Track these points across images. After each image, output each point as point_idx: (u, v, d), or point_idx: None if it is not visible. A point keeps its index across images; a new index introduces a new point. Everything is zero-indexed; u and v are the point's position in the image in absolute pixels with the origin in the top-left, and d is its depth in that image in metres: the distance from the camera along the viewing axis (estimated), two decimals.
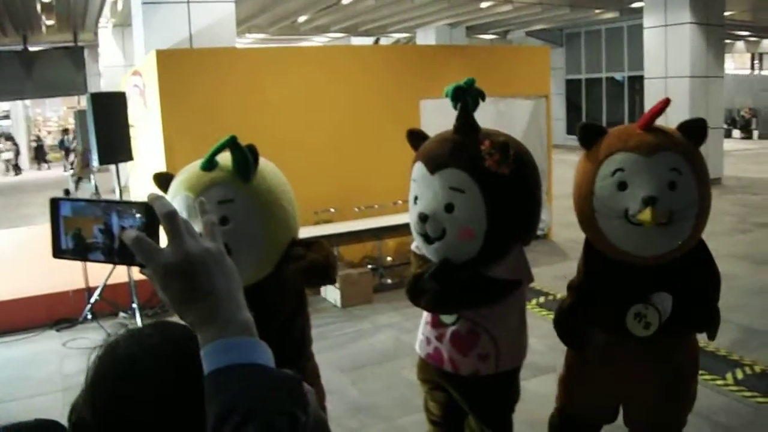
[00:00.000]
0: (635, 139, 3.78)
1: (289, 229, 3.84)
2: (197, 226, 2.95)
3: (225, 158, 3.71)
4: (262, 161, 3.88)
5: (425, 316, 4.26)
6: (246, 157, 3.70)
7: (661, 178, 3.68)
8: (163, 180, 3.88)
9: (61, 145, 33.70)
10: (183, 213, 3.54)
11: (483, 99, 4.06)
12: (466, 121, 4.00)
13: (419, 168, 3.95)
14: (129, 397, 1.55)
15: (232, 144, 3.68)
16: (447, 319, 4.08)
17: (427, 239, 3.89)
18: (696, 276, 3.96)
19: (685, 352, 4.23)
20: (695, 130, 3.84)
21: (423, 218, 3.84)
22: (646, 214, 3.63)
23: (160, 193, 2.78)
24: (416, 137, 4.14)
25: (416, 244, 4.17)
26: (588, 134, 3.94)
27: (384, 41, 32.15)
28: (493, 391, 4.13)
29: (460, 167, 3.81)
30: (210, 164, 3.74)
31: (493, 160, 3.76)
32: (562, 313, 4.22)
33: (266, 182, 3.78)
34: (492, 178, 3.76)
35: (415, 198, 3.96)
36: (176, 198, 3.68)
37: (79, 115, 14.65)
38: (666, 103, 3.86)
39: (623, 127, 4.06)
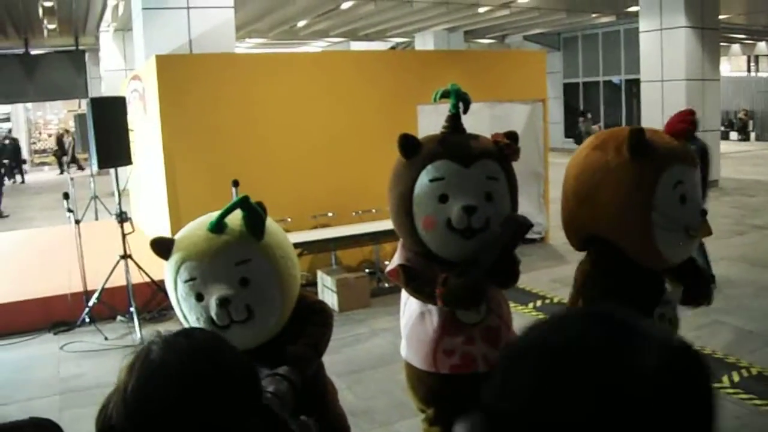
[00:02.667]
0: (683, 149, 3.85)
1: (298, 280, 3.83)
2: (214, 292, 3.04)
3: (232, 217, 3.59)
4: None
5: (428, 333, 4.15)
6: (259, 216, 3.59)
7: (700, 189, 3.91)
8: (163, 247, 3.66)
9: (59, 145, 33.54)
10: (196, 280, 3.52)
11: (470, 103, 4.21)
12: (456, 125, 4.12)
13: (445, 165, 3.92)
14: (158, 397, 1.65)
15: (244, 204, 3.61)
16: (472, 318, 4.06)
17: (468, 234, 3.86)
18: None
19: None
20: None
21: (471, 210, 3.82)
22: (705, 228, 3.77)
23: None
24: (411, 142, 4.07)
25: (400, 261, 4.15)
26: (643, 142, 3.79)
27: (382, 46, 32.16)
28: None
29: (491, 158, 3.96)
30: (220, 226, 3.57)
31: (511, 149, 4.00)
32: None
33: (275, 238, 3.71)
34: (510, 166, 4.04)
35: (443, 196, 3.90)
36: (184, 265, 3.55)
37: (80, 118, 14.68)
38: (689, 115, 3.99)
39: (659, 132, 3.99)
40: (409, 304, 4.31)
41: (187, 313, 3.59)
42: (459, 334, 4.07)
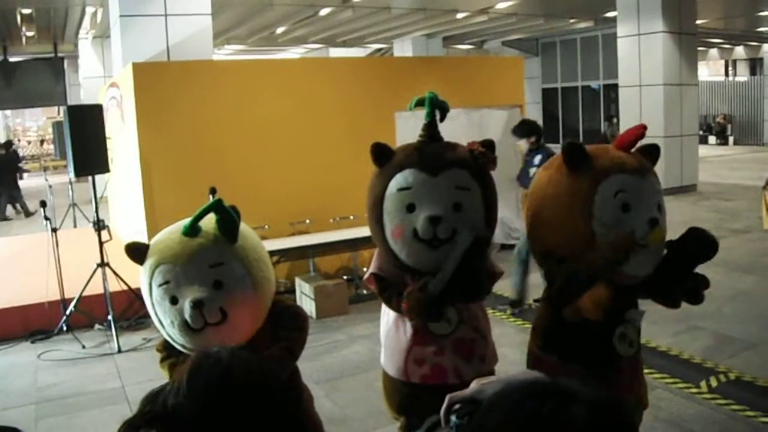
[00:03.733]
0: (630, 160, 3.84)
1: (272, 283, 3.83)
2: (188, 294, 3.03)
3: (206, 221, 3.62)
4: None
5: (401, 342, 4.17)
6: (233, 219, 3.61)
7: (657, 198, 3.86)
8: (137, 252, 3.69)
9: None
10: (170, 284, 3.52)
11: (447, 110, 4.19)
12: (433, 133, 4.09)
13: (413, 174, 3.91)
14: (223, 400, 1.76)
15: (218, 207, 3.60)
16: (443, 329, 4.05)
17: (433, 244, 3.86)
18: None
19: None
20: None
21: (435, 221, 3.81)
22: (655, 235, 3.71)
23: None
24: (382, 150, 4.08)
25: (373, 269, 4.16)
26: (577, 155, 3.83)
27: (361, 52, 32.18)
28: None
29: (462, 166, 3.91)
30: (194, 230, 3.61)
31: (486, 157, 3.91)
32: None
33: (248, 241, 3.74)
34: (486, 176, 3.96)
35: (410, 206, 3.90)
36: (159, 269, 3.57)
37: (57, 125, 14.62)
38: (641, 129, 3.95)
39: (605, 146, 4.04)
40: (387, 312, 4.32)
41: (162, 317, 3.61)
42: (430, 345, 4.08)
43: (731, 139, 34.58)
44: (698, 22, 20.73)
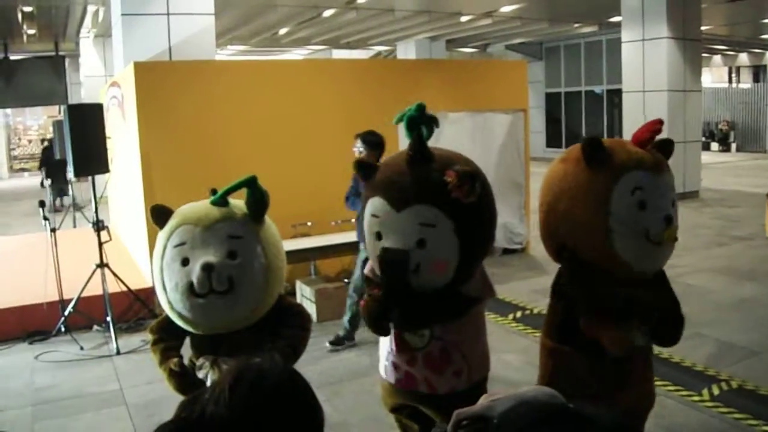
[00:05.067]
0: (647, 156, 3.85)
1: (282, 278, 3.89)
2: (201, 257, 3.37)
3: (236, 200, 3.79)
4: None
5: (387, 342, 4.21)
6: (264, 199, 3.75)
7: (672, 195, 3.91)
8: (161, 214, 3.84)
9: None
10: (185, 245, 3.58)
11: (437, 125, 3.99)
12: (421, 151, 3.91)
13: (381, 204, 3.86)
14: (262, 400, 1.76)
15: (252, 183, 3.69)
16: (416, 342, 4.03)
17: (397, 279, 3.83)
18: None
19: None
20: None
21: (389, 255, 3.80)
22: (669, 233, 3.72)
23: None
24: (366, 167, 4.09)
25: (369, 269, 4.18)
26: (597, 150, 3.83)
27: (364, 54, 32.18)
28: (471, 403, 4.10)
29: (428, 202, 3.75)
30: (223, 200, 3.77)
31: (461, 192, 3.69)
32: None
33: (271, 229, 3.89)
34: (461, 209, 3.72)
35: (377, 234, 3.88)
36: (179, 230, 3.69)
37: (58, 125, 14.61)
38: (658, 124, 4.00)
39: (622, 141, 4.06)
40: None
41: (167, 281, 3.68)
42: (404, 354, 4.11)
43: (734, 146, 34.49)
44: (703, 28, 20.69)
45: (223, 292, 3.57)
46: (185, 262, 3.61)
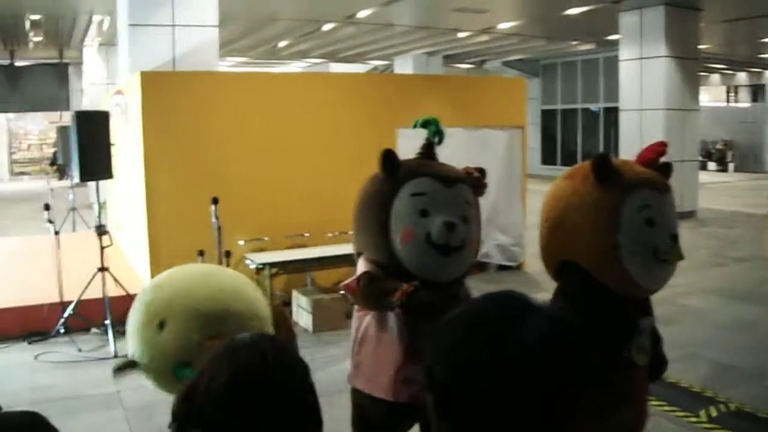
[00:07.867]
0: (654, 176, 3.92)
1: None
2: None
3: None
4: None
5: (390, 358, 4.08)
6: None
7: (675, 215, 3.99)
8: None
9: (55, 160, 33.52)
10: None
11: (444, 136, 4.35)
12: (431, 153, 4.25)
13: (428, 182, 4.00)
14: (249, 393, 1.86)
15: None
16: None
17: (445, 250, 3.90)
18: None
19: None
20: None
21: (451, 226, 3.87)
22: (677, 251, 3.74)
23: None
24: (393, 158, 4.10)
25: (365, 269, 4.12)
26: (607, 168, 3.82)
27: (361, 68, 32.25)
28: None
29: (468, 184, 4.10)
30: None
31: (480, 184, 4.16)
32: None
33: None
34: (477, 199, 4.15)
35: (424, 211, 3.93)
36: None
37: (61, 130, 14.66)
38: (663, 146, 4.06)
39: (628, 161, 4.09)
40: (366, 329, 4.23)
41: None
42: (419, 363, 3.99)
43: (731, 166, 34.48)
44: (701, 47, 20.75)
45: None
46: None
